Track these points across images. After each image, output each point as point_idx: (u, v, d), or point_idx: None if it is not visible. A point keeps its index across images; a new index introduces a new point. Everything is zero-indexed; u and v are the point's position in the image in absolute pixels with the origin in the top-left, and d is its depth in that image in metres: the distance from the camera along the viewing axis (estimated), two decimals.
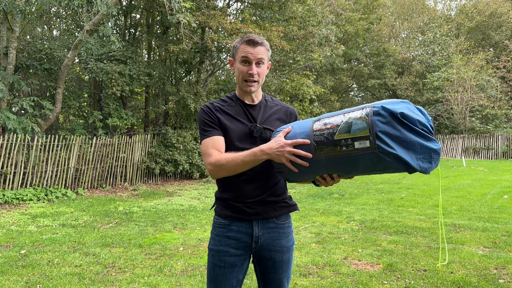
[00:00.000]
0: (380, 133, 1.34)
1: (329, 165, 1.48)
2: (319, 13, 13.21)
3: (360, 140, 1.36)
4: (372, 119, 1.36)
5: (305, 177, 1.61)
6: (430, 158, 1.36)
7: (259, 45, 1.71)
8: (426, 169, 1.37)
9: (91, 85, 13.71)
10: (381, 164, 1.37)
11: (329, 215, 6.55)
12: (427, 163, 1.37)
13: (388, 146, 1.33)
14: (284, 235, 1.81)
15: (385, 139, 1.33)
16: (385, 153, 1.33)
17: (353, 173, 1.49)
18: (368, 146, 1.35)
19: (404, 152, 1.34)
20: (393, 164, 1.34)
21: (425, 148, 1.35)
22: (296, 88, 12.94)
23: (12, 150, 7.84)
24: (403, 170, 1.37)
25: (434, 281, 3.62)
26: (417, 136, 1.35)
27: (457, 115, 20.98)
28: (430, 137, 1.36)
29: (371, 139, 1.34)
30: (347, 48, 22.30)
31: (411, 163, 1.34)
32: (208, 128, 1.72)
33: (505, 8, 24.39)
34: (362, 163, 1.40)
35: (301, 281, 3.63)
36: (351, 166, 1.43)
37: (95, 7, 7.92)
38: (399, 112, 1.34)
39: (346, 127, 1.41)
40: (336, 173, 1.51)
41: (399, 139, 1.34)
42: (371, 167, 1.40)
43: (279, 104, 1.88)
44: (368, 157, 1.37)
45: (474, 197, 8.08)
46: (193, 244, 4.86)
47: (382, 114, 1.35)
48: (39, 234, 5.32)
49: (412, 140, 1.34)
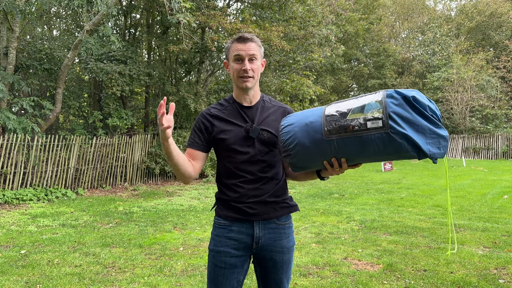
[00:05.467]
0: (393, 114, 1.37)
1: (340, 146, 1.47)
2: (319, 13, 13.20)
3: (373, 120, 1.39)
4: (385, 100, 1.40)
5: (313, 162, 1.58)
6: (438, 144, 1.39)
7: (250, 41, 1.72)
8: (435, 154, 1.40)
9: (91, 85, 13.71)
10: (392, 145, 1.38)
11: (329, 215, 6.55)
12: (436, 149, 1.39)
13: (400, 126, 1.36)
14: (285, 236, 1.81)
15: (397, 119, 1.37)
16: (397, 133, 1.36)
17: (362, 156, 1.47)
18: (380, 126, 1.38)
19: (415, 135, 1.37)
20: (404, 145, 1.37)
21: (434, 133, 1.39)
22: (296, 88, 12.94)
23: (12, 150, 7.84)
24: (413, 153, 1.38)
25: (434, 281, 3.62)
26: (427, 121, 1.39)
27: (457, 115, 20.98)
28: (439, 124, 1.40)
29: (384, 119, 1.37)
30: (347, 48, 22.30)
31: (422, 146, 1.37)
32: (194, 137, 1.81)
33: (505, 8, 24.39)
34: (373, 144, 1.41)
35: (301, 281, 3.63)
36: (362, 147, 1.44)
37: (95, 7, 7.91)
38: (411, 96, 1.38)
39: (359, 107, 1.43)
40: (345, 157, 1.50)
41: (410, 122, 1.37)
42: (382, 149, 1.41)
43: (276, 105, 1.87)
44: (380, 137, 1.39)
45: (474, 197, 8.08)
46: (193, 244, 4.86)
47: (395, 96, 1.40)
48: (39, 234, 5.32)
49: (423, 124, 1.38)
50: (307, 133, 1.53)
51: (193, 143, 1.79)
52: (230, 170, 1.76)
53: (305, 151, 1.55)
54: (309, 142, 1.53)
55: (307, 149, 1.54)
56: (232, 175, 1.76)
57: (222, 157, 1.80)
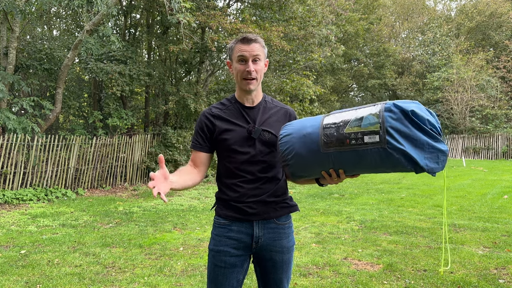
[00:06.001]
0: (390, 129, 1.34)
1: (337, 159, 1.46)
2: (319, 13, 13.20)
3: (370, 134, 1.37)
4: (383, 114, 1.37)
5: (311, 171, 1.58)
6: (437, 158, 1.37)
7: (254, 42, 1.72)
8: (433, 169, 1.37)
9: (91, 85, 13.71)
10: (389, 160, 1.36)
11: (329, 215, 6.55)
12: (435, 164, 1.37)
13: (398, 142, 1.33)
14: (285, 236, 1.81)
15: (395, 135, 1.34)
16: (394, 149, 1.33)
17: (360, 169, 1.47)
18: (377, 141, 1.35)
19: (412, 150, 1.34)
20: (401, 161, 1.34)
21: (433, 148, 1.36)
22: (296, 88, 12.94)
23: (12, 150, 7.84)
24: (410, 168, 1.36)
25: (434, 281, 3.62)
26: (426, 135, 1.36)
27: (457, 115, 20.98)
28: (438, 138, 1.37)
29: (381, 134, 1.35)
30: (347, 48, 22.29)
31: (419, 161, 1.34)
32: (197, 138, 1.81)
33: (505, 8, 24.39)
34: (370, 158, 1.39)
35: (301, 281, 3.63)
36: (359, 161, 1.42)
37: (95, 7, 7.92)
38: (410, 110, 1.35)
39: (357, 121, 1.41)
40: (343, 169, 1.49)
41: (408, 137, 1.34)
42: (379, 163, 1.39)
43: (278, 106, 1.87)
44: (377, 152, 1.37)
45: (474, 197, 8.08)
46: (193, 244, 4.86)
47: (394, 110, 1.37)
48: (39, 234, 5.32)
49: (421, 138, 1.35)
50: (304, 144, 1.53)
51: (197, 144, 1.80)
52: (231, 170, 1.76)
53: (302, 161, 1.55)
54: (306, 153, 1.52)
55: (305, 160, 1.53)
56: (232, 175, 1.76)
57: (222, 157, 1.80)
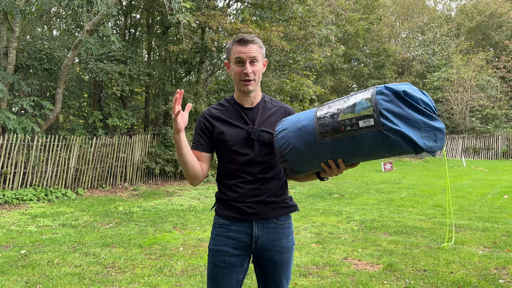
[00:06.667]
0: (384, 111, 1.34)
1: (334, 148, 1.46)
2: (319, 13, 13.20)
3: (364, 118, 1.36)
4: (375, 97, 1.36)
5: (310, 165, 1.58)
6: (435, 136, 1.37)
7: (251, 43, 1.71)
8: (431, 148, 1.37)
9: (91, 85, 13.71)
10: (386, 143, 1.36)
11: (329, 215, 6.55)
12: (433, 142, 1.37)
13: (392, 123, 1.33)
14: (284, 236, 1.81)
15: (389, 116, 1.34)
16: (389, 130, 1.33)
17: (358, 156, 1.46)
18: (372, 124, 1.35)
19: (409, 130, 1.34)
20: (399, 142, 1.34)
21: (429, 126, 1.36)
22: (296, 88, 12.94)
23: (12, 150, 7.84)
24: (409, 149, 1.36)
25: (434, 281, 3.62)
26: (421, 114, 1.35)
27: (457, 115, 20.98)
28: (433, 116, 1.37)
29: (375, 117, 1.35)
30: (347, 48, 22.29)
31: (417, 141, 1.34)
32: (197, 139, 1.81)
33: (505, 8, 24.40)
34: (367, 143, 1.38)
35: (301, 281, 3.63)
36: (356, 147, 1.42)
37: (95, 7, 7.91)
38: (402, 90, 1.35)
39: (350, 107, 1.41)
40: (341, 158, 1.49)
41: (403, 117, 1.34)
42: (376, 147, 1.38)
43: (277, 105, 1.87)
44: (373, 136, 1.36)
45: (474, 197, 8.08)
46: (193, 244, 4.86)
47: (385, 92, 1.37)
48: (39, 234, 5.32)
49: (416, 118, 1.34)
50: (300, 137, 1.53)
51: (197, 145, 1.80)
52: (231, 171, 1.77)
53: (300, 155, 1.54)
54: (303, 146, 1.52)
55: (302, 153, 1.53)
56: (232, 176, 1.77)
57: (222, 158, 1.80)
